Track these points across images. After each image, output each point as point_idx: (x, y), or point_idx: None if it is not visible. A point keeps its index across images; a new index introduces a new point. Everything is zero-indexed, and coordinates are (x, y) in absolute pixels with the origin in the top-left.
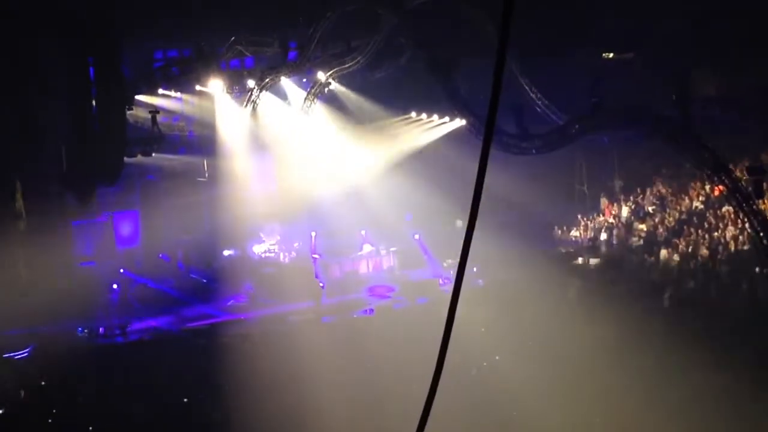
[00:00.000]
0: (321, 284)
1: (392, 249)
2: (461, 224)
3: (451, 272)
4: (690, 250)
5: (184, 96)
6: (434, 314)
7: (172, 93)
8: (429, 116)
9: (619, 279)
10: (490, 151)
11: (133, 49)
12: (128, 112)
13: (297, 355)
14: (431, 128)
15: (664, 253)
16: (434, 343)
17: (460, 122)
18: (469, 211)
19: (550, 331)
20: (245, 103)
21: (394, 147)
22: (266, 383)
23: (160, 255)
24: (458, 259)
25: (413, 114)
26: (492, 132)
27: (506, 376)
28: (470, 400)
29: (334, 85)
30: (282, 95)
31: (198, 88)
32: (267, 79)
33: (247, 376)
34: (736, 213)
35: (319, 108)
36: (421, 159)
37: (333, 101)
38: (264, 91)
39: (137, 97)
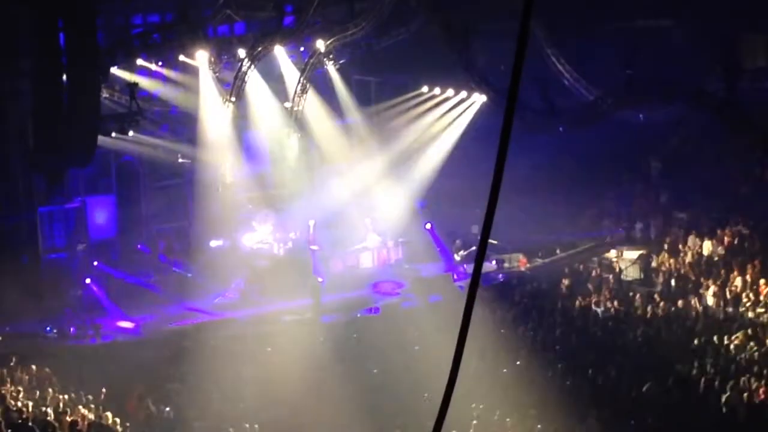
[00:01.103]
0: (320, 279)
1: (401, 240)
2: (477, 230)
3: (465, 266)
4: (736, 242)
5: (167, 70)
6: (448, 314)
7: (153, 66)
8: (443, 91)
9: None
10: (511, 128)
11: (108, 13)
12: (103, 85)
13: (293, 360)
14: (449, 108)
15: (708, 245)
16: (448, 347)
17: (479, 98)
18: (487, 200)
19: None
20: (232, 90)
21: (404, 132)
22: (258, 392)
23: (139, 246)
24: (473, 252)
25: (425, 89)
26: (514, 107)
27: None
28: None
29: (333, 58)
30: (273, 74)
31: (182, 58)
32: (259, 48)
33: (237, 383)
34: None
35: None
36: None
37: (331, 79)
38: (255, 63)
39: (113, 70)
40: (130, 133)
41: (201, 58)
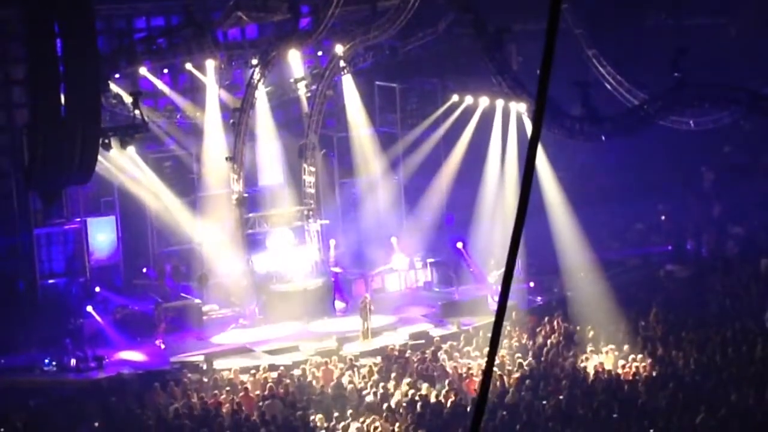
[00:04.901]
0: (343, 304)
1: (430, 260)
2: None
3: (499, 288)
4: None
5: (174, 93)
6: (483, 341)
7: (158, 82)
8: (476, 99)
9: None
10: (540, 136)
11: (109, 16)
12: (103, 95)
13: (314, 394)
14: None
15: (765, 262)
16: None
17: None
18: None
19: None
20: (245, 99)
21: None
22: None
23: (145, 270)
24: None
25: (455, 98)
26: (542, 112)
27: None
28: None
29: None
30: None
31: (189, 67)
32: (273, 53)
33: (253, 422)
34: None
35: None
36: (468, 145)
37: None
38: (268, 69)
39: (113, 86)
40: (133, 146)
41: (208, 65)
